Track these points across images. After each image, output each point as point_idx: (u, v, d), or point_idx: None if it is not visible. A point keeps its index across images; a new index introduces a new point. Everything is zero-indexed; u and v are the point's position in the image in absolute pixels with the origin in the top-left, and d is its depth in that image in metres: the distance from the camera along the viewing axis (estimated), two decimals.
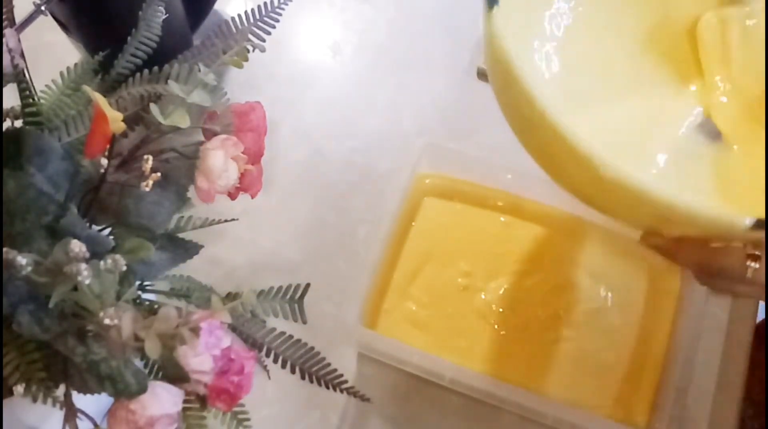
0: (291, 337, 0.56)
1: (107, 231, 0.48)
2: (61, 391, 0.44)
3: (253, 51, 0.50)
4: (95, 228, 0.47)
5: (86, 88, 0.44)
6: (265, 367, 0.55)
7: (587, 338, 0.62)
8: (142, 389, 0.41)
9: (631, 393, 0.60)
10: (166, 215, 0.47)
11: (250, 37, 0.55)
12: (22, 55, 0.49)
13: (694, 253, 0.41)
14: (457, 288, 0.64)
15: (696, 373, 0.64)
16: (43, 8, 0.54)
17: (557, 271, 0.64)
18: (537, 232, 0.66)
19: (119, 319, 0.39)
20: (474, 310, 0.63)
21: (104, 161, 0.45)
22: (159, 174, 0.43)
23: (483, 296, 0.63)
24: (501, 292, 0.63)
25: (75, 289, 0.39)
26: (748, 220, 0.34)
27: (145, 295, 0.52)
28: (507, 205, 0.66)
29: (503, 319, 0.62)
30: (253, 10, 0.56)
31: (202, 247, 0.51)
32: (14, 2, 0.51)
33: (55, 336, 0.41)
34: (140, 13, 0.55)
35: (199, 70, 0.48)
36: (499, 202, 0.66)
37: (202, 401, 0.44)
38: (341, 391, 0.58)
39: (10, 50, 0.47)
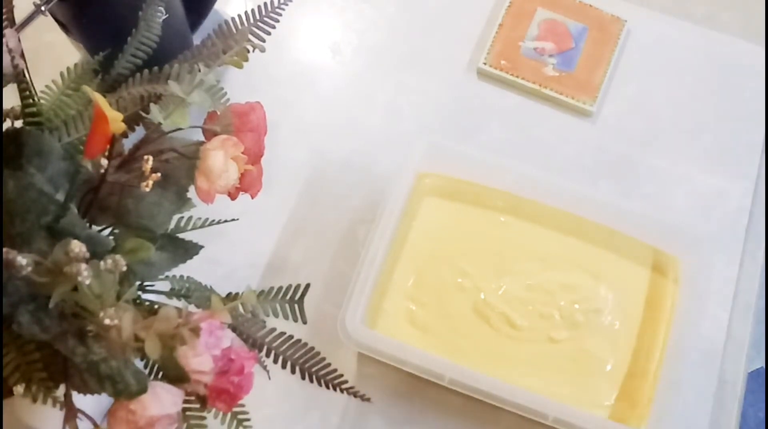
0: (291, 337, 0.56)
1: (107, 231, 0.48)
2: (61, 391, 0.44)
3: (253, 51, 0.50)
4: (95, 228, 0.47)
5: (86, 89, 0.44)
6: (265, 368, 0.55)
7: (587, 338, 0.62)
8: (142, 389, 0.41)
9: (631, 393, 0.60)
10: (166, 215, 0.47)
11: (250, 37, 0.55)
12: (22, 56, 0.49)
13: None
14: (457, 288, 0.64)
15: (696, 373, 0.64)
16: (43, 8, 0.54)
17: (557, 271, 0.64)
18: (537, 232, 0.66)
19: (119, 320, 0.39)
20: (474, 310, 0.63)
21: (104, 161, 0.45)
22: (159, 174, 0.43)
23: (483, 296, 0.63)
24: (501, 292, 0.63)
25: (75, 289, 0.39)
26: None
27: (145, 296, 0.52)
28: (507, 205, 0.66)
29: (503, 319, 0.62)
30: (253, 10, 0.56)
31: (202, 247, 0.51)
32: (14, 2, 0.51)
33: (55, 336, 0.41)
34: (140, 13, 0.55)
35: (199, 71, 0.48)
36: (499, 202, 0.66)
37: (203, 401, 0.44)
38: (341, 391, 0.58)
39: (10, 50, 0.47)
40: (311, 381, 0.57)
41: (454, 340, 0.62)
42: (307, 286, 0.56)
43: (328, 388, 0.58)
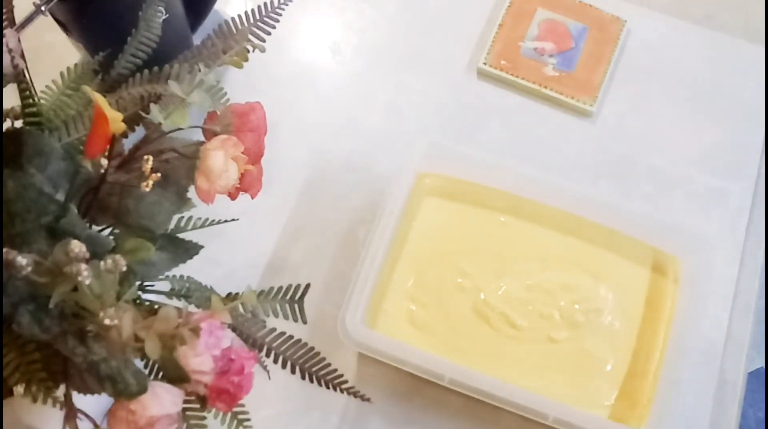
0: (291, 337, 0.56)
1: (107, 231, 0.48)
2: (61, 391, 0.44)
3: (253, 51, 0.50)
4: (95, 228, 0.47)
5: (86, 89, 0.44)
6: (265, 368, 0.55)
7: (587, 338, 0.62)
8: (142, 389, 0.41)
9: (631, 393, 0.60)
10: (166, 215, 0.47)
11: (250, 37, 0.55)
12: (22, 56, 0.49)
13: None
14: (457, 288, 0.63)
15: (696, 373, 0.64)
16: (43, 8, 0.54)
17: (557, 271, 0.64)
18: (537, 232, 0.66)
19: (119, 320, 0.39)
20: (474, 310, 0.63)
21: (104, 161, 0.45)
22: (159, 174, 0.43)
23: (483, 296, 0.63)
24: (501, 292, 0.63)
25: (75, 289, 0.39)
26: None
27: (145, 296, 0.52)
28: (507, 205, 0.66)
29: (503, 319, 0.62)
30: (253, 10, 0.56)
31: (202, 247, 0.51)
32: (14, 2, 0.51)
33: (55, 336, 0.41)
34: (140, 13, 0.55)
35: (199, 71, 0.48)
36: (499, 202, 0.66)
37: (203, 401, 0.44)
38: (341, 391, 0.58)
39: (10, 50, 0.47)
40: (311, 381, 0.57)
41: (454, 340, 0.62)
42: (307, 286, 0.56)
43: (328, 388, 0.58)
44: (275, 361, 0.55)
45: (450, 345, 0.62)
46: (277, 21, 0.56)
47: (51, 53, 0.69)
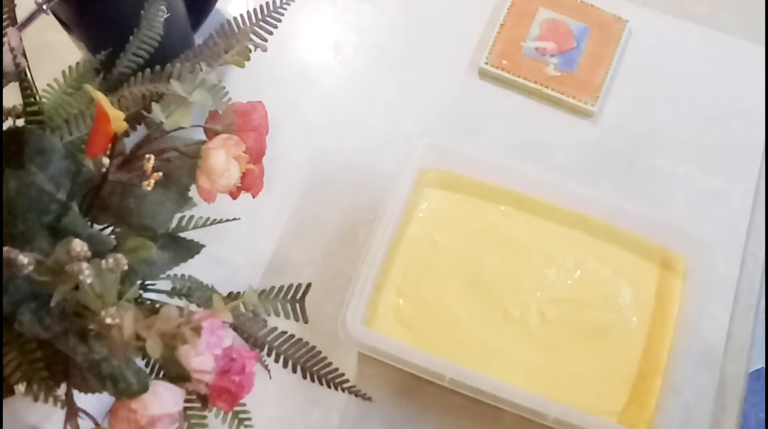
0: (292, 336, 0.56)
1: (109, 230, 0.48)
2: (62, 390, 0.44)
3: (255, 50, 0.50)
4: (97, 227, 0.47)
5: (88, 87, 0.44)
6: (266, 367, 0.55)
7: (601, 338, 0.62)
8: (144, 389, 0.41)
9: (642, 395, 0.60)
10: (167, 214, 0.47)
11: (252, 36, 0.55)
12: (24, 54, 0.49)
13: None
14: (458, 287, 0.63)
15: (697, 374, 0.64)
16: (44, 7, 0.54)
17: (562, 271, 0.64)
18: (541, 232, 0.65)
19: (121, 319, 0.39)
20: (475, 309, 0.63)
21: (106, 160, 0.45)
22: (161, 173, 0.43)
23: (488, 294, 0.63)
24: (502, 292, 0.63)
25: (76, 288, 0.39)
26: None
27: (146, 295, 0.52)
28: (509, 205, 0.66)
29: (504, 318, 0.62)
30: (255, 9, 0.56)
31: (203, 246, 0.51)
32: (16, 1, 0.51)
33: (57, 335, 0.41)
34: (142, 12, 0.55)
35: (201, 70, 0.48)
36: (500, 202, 0.66)
37: (204, 401, 0.44)
38: (342, 390, 0.58)
39: (12, 49, 0.47)
40: (312, 380, 0.57)
41: (453, 340, 0.61)
42: (308, 285, 0.56)
43: (329, 387, 0.58)
44: (276, 361, 0.55)
45: (449, 344, 0.61)
46: (279, 20, 0.56)
47: (52, 52, 0.69)
